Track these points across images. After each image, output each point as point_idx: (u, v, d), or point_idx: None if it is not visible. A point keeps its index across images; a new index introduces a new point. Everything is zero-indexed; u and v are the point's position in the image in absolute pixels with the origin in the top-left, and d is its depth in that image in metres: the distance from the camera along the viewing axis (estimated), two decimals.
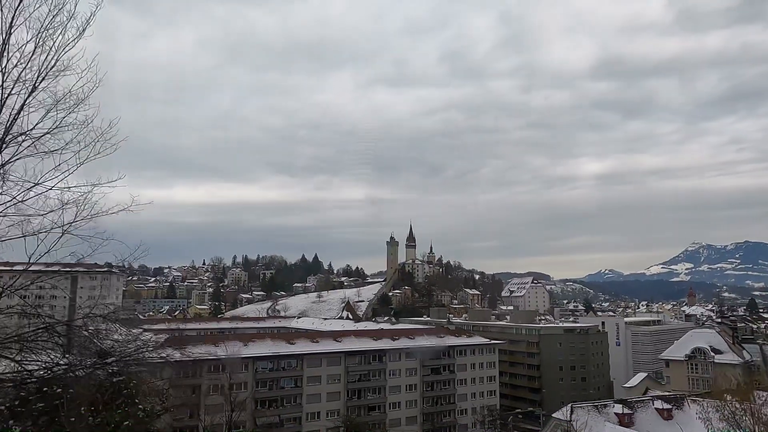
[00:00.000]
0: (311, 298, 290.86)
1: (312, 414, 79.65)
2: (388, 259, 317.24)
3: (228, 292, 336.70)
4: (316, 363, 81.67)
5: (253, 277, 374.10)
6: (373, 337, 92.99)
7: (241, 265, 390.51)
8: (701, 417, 46.42)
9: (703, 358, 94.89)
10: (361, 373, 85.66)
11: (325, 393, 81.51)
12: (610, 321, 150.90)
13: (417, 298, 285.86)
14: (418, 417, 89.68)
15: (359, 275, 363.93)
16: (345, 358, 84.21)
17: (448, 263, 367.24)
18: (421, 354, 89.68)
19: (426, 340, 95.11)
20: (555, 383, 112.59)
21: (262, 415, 75.39)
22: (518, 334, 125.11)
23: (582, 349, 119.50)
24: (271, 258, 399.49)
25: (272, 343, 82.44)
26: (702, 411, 62.06)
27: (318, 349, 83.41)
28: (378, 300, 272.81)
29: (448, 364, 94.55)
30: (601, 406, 65.12)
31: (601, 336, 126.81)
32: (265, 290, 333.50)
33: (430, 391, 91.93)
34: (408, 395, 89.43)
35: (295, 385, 79.37)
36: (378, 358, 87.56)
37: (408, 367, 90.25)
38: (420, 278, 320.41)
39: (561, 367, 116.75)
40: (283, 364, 79.16)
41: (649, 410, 65.26)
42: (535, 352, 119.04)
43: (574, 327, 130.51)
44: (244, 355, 75.62)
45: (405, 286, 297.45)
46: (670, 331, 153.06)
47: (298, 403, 78.98)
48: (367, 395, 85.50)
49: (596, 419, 60.44)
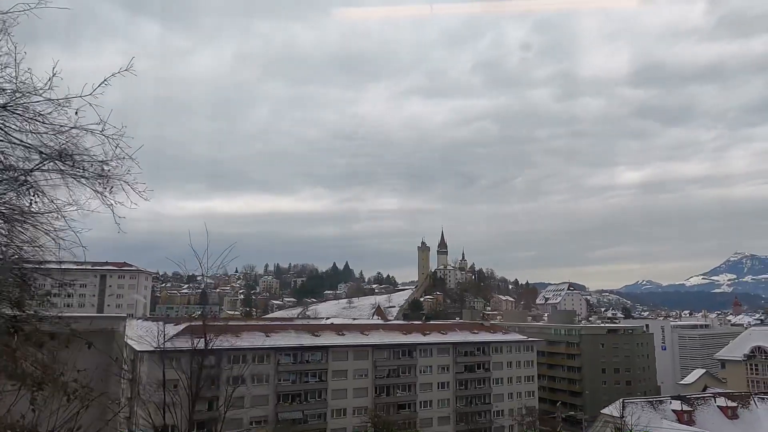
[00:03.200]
0: (341, 304, 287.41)
1: (338, 411, 74.88)
2: (419, 265, 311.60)
3: (259, 299, 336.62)
4: (342, 357, 77.03)
5: (285, 284, 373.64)
6: (402, 331, 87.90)
7: (273, 273, 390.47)
8: None
9: (764, 357, 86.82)
10: (389, 369, 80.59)
11: (352, 389, 76.71)
12: (655, 324, 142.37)
13: (449, 304, 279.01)
14: (451, 417, 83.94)
15: (390, 283, 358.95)
16: (373, 353, 79.34)
17: (481, 270, 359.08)
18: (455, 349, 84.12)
19: (459, 335, 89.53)
20: (597, 386, 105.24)
21: (285, 410, 70.95)
22: (557, 334, 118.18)
23: (626, 350, 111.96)
24: (303, 266, 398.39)
25: (296, 334, 78.17)
26: None
27: (344, 342, 78.78)
28: (409, 305, 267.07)
29: (483, 361, 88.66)
30: (657, 402, 58.95)
31: (647, 337, 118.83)
32: (296, 297, 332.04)
33: (464, 390, 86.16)
34: (440, 393, 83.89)
35: (319, 380, 74.83)
36: (408, 353, 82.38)
37: (440, 364, 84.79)
38: (452, 284, 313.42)
39: (604, 369, 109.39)
40: (307, 357, 74.74)
41: (710, 408, 58.78)
42: (575, 353, 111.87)
43: (617, 327, 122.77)
44: (266, 346, 71.58)
45: (436, 292, 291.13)
46: (721, 335, 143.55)
47: (322, 399, 74.38)
48: (397, 392, 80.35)
49: (651, 416, 54.24)
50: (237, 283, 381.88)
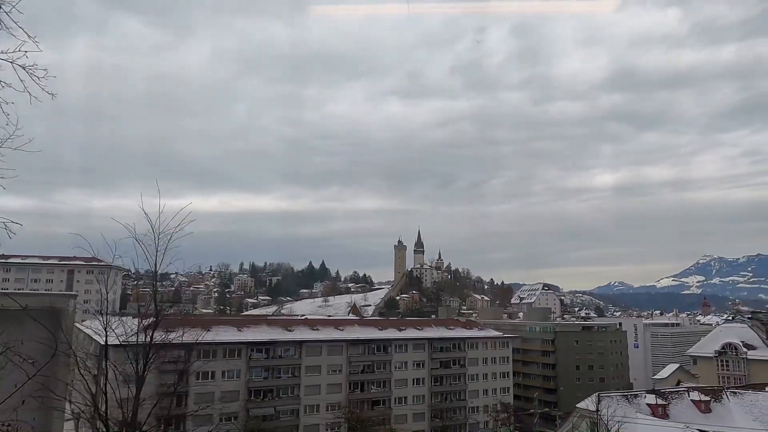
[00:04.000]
0: (317, 303, 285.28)
1: (311, 407, 73.30)
2: (396, 263, 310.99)
3: (233, 298, 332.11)
4: (315, 352, 75.47)
5: (260, 283, 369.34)
6: (378, 326, 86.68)
7: (248, 271, 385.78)
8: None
9: (734, 354, 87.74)
10: (364, 364, 79.35)
11: (325, 384, 75.21)
12: (628, 321, 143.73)
13: (425, 303, 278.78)
14: (426, 413, 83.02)
15: (366, 282, 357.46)
16: (347, 348, 77.98)
17: (457, 270, 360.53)
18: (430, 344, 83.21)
19: (435, 331, 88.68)
20: (571, 383, 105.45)
21: (256, 406, 69.10)
22: (532, 332, 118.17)
23: (600, 347, 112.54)
24: (279, 265, 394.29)
25: (268, 329, 76.40)
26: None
27: (318, 337, 77.21)
28: (385, 304, 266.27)
29: (459, 357, 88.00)
30: (632, 396, 58.78)
31: (620, 335, 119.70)
32: (271, 296, 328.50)
33: (439, 386, 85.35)
34: (415, 389, 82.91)
35: (292, 375, 73.13)
36: (383, 348, 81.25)
37: (415, 360, 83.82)
38: (428, 283, 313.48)
39: (578, 366, 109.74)
40: (280, 352, 72.97)
41: (684, 402, 58.79)
42: (550, 351, 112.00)
43: (592, 325, 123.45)
44: (237, 341, 69.66)
45: (413, 290, 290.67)
46: (691, 333, 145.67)
47: (295, 395, 72.71)
48: (371, 388, 79.13)
49: (627, 410, 53.96)
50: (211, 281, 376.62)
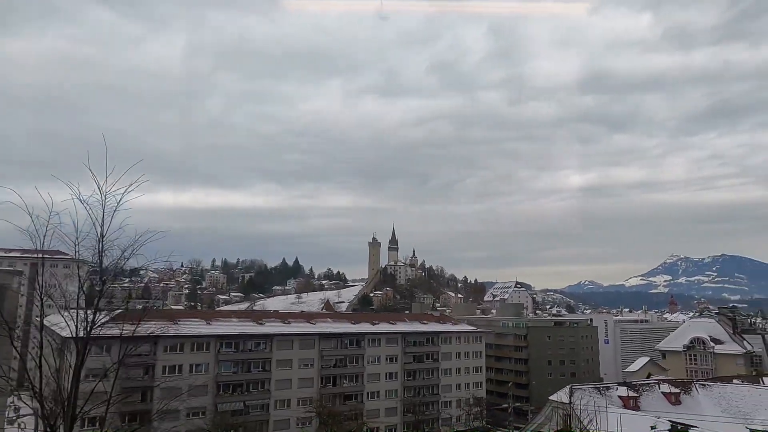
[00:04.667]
0: (290, 299, 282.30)
1: (281, 401, 71.91)
2: (370, 260, 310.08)
3: (205, 294, 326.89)
4: (286, 345, 74.06)
5: (232, 280, 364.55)
6: (350, 320, 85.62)
7: (220, 268, 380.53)
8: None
9: (702, 348, 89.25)
10: (336, 359, 78.22)
11: (297, 379, 73.86)
12: (599, 318, 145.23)
13: (398, 300, 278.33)
14: (399, 407, 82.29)
15: (340, 279, 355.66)
16: (319, 342, 76.71)
17: (431, 268, 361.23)
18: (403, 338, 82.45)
19: (408, 325, 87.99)
20: (543, 378, 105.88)
21: (225, 401, 67.41)
22: (505, 327, 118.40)
23: (572, 342, 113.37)
24: (252, 262, 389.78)
25: (239, 322, 74.69)
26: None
27: (290, 331, 75.78)
28: (358, 300, 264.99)
29: (432, 351, 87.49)
30: (604, 388, 58.86)
31: (591, 330, 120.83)
32: (243, 292, 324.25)
33: (412, 381, 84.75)
34: (388, 384, 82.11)
35: (262, 369, 71.60)
36: (356, 342, 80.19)
37: (388, 354, 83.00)
38: (402, 281, 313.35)
39: (550, 361, 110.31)
40: (250, 346, 71.33)
41: (655, 394, 59.28)
42: (522, 346, 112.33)
43: (563, 320, 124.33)
44: (206, 334, 67.84)
45: (386, 287, 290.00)
46: (659, 329, 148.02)
47: (265, 389, 71.20)
48: (343, 382, 78.06)
49: (599, 402, 53.95)
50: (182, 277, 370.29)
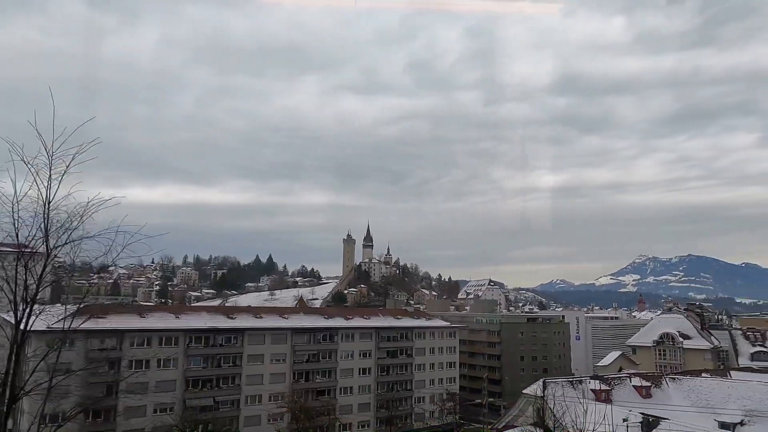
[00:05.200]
0: (263, 296, 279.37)
1: (253, 397, 70.43)
2: (344, 257, 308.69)
3: (176, 291, 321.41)
4: (258, 340, 72.56)
5: (205, 276, 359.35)
6: (324, 315, 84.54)
7: (192, 264, 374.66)
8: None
9: (671, 343, 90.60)
10: (309, 354, 77.03)
11: (268, 374, 72.46)
12: (571, 314, 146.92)
13: (373, 297, 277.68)
14: (372, 403, 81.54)
15: (314, 276, 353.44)
16: (292, 336, 75.41)
17: (405, 266, 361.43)
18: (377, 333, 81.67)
19: (383, 320, 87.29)
20: (516, 374, 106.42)
21: (194, 397, 65.67)
22: (479, 323, 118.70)
23: (544, 338, 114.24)
24: (224, 258, 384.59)
25: (208, 316, 72.96)
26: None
27: (261, 325, 74.33)
28: (332, 298, 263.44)
29: (406, 347, 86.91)
30: (576, 381, 59.08)
31: (564, 326, 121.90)
32: (215, 289, 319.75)
33: (386, 376, 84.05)
34: (361, 380, 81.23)
35: (233, 364, 69.98)
36: (329, 337, 79.11)
37: (362, 349, 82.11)
38: (376, 278, 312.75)
39: (522, 357, 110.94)
40: (221, 340, 69.67)
41: (626, 387, 59.74)
42: (496, 342, 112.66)
43: (536, 316, 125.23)
44: (174, 328, 66.05)
45: (361, 284, 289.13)
46: (629, 326, 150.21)
47: (236, 385, 69.63)
48: (316, 378, 76.93)
49: (572, 395, 54.06)
50: (153, 274, 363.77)
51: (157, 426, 60.58)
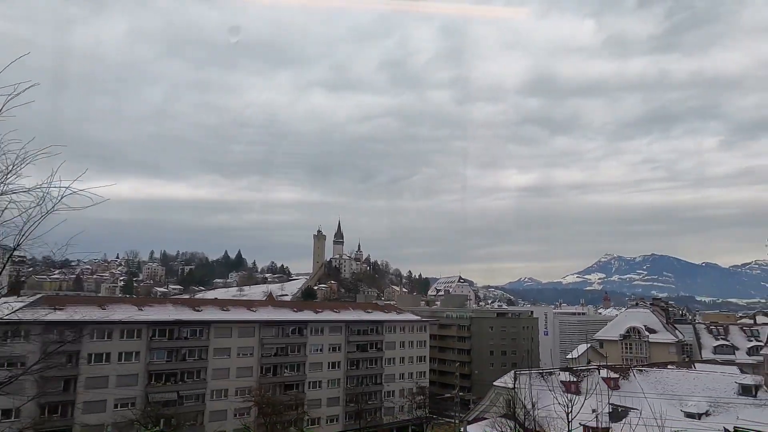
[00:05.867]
0: (232, 292, 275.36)
1: (218, 391, 68.67)
2: (315, 253, 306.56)
3: (142, 287, 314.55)
4: (225, 333, 70.82)
5: (172, 272, 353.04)
6: (293, 308, 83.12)
7: (159, 260, 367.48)
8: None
9: (637, 337, 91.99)
10: (278, 347, 75.60)
11: (235, 368, 70.76)
12: (539, 310, 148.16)
13: (343, 293, 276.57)
14: (341, 397, 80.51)
15: (284, 273, 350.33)
16: (260, 330, 73.85)
17: (376, 262, 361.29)
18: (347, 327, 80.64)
19: (352, 314, 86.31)
20: (485, 368, 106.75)
21: (157, 391, 63.62)
22: (449, 318, 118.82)
23: (513, 333, 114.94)
24: (192, 254, 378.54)
25: (174, 308, 70.80)
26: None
27: (228, 317, 72.54)
28: (302, 294, 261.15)
29: (376, 341, 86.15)
30: (546, 373, 59.20)
31: (533, 321, 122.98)
32: (182, 285, 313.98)
33: (355, 370, 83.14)
34: (330, 373, 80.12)
35: (198, 358, 68.12)
36: (298, 331, 77.79)
37: (332, 343, 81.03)
38: (347, 274, 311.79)
39: (492, 351, 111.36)
40: (186, 333, 67.70)
41: (595, 379, 59.86)
42: (466, 336, 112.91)
43: (506, 311, 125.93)
44: (136, 320, 63.78)
45: (331, 281, 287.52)
46: (596, 321, 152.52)
47: (201, 379, 67.77)
48: (284, 372, 75.53)
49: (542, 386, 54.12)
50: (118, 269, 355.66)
51: (118, 421, 58.42)
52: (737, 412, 51.83)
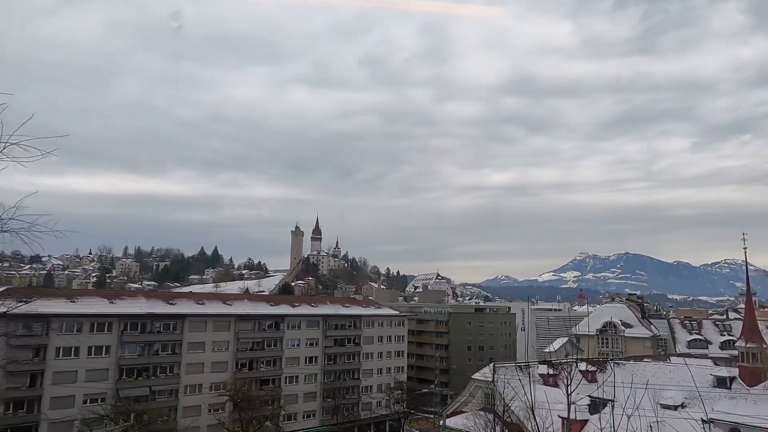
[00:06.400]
0: (207, 289, 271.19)
1: (192, 386, 67.11)
2: (292, 249, 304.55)
3: (115, 283, 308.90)
4: (199, 327, 69.23)
5: (146, 268, 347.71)
6: (269, 302, 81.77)
7: (133, 256, 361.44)
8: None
9: (614, 332, 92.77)
10: (254, 341, 74.27)
11: (210, 362, 69.26)
12: (516, 305, 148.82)
13: (320, 289, 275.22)
14: (318, 393, 79.50)
15: (261, 269, 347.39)
16: (236, 323, 72.42)
17: (354, 259, 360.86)
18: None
19: (330, 308, 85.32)
20: (463, 363, 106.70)
21: (128, 386, 61.81)
22: (427, 313, 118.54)
23: (491, 328, 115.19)
24: (167, 250, 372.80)
25: (147, 302, 68.97)
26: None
27: (203, 311, 70.96)
28: (279, 290, 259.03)
29: (354, 335, 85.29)
30: (525, 366, 58.99)
31: (510, 317, 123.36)
32: (157, 281, 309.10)
33: (333, 365, 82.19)
34: (307, 368, 79.02)
35: (172, 352, 66.42)
36: (275, 325, 76.54)
37: (309, 338, 79.97)
38: (324, 270, 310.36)
39: (470, 347, 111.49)
40: (159, 327, 65.98)
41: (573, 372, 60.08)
42: (444, 332, 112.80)
43: (483, 307, 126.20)
44: (107, 313, 61.97)
45: (308, 277, 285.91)
46: (572, 317, 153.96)
47: (175, 374, 66.14)
48: (260, 366, 74.22)
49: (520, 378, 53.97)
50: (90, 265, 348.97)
51: (87, 417, 56.60)
52: (712, 403, 52.34)
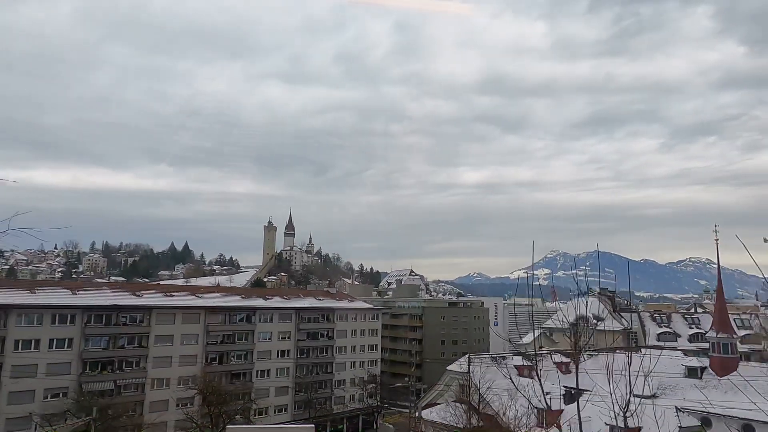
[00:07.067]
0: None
1: (160, 381, 65.06)
2: (265, 244, 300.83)
3: (82, 278, 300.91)
4: (168, 320, 67.20)
5: (114, 264, 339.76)
6: (241, 295, 79.99)
7: (101, 251, 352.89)
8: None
9: (586, 325, 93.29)
10: (224, 335, 72.52)
11: (178, 356, 67.31)
12: (490, 300, 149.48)
13: (293, 285, 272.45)
14: (290, 387, 78.10)
15: (233, 265, 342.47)
16: (205, 316, 70.54)
17: (327, 255, 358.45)
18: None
19: (303, 301, 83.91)
20: (437, 357, 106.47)
21: (91, 380, 59.55)
22: (401, 308, 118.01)
23: (465, 323, 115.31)
24: (137, 246, 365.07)
25: (112, 293, 66.64)
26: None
27: (171, 303, 68.89)
28: (251, 285, 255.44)
29: (327, 329, 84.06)
30: (500, 357, 58.76)
31: (483, 311, 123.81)
32: (125, 277, 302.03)
33: (305, 358, 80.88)
34: (279, 362, 77.61)
35: (138, 345, 64.33)
36: (246, 318, 74.87)
37: (281, 331, 78.50)
38: (297, 266, 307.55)
39: (443, 341, 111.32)
40: (125, 319, 63.78)
41: (547, 363, 60.04)
42: (418, 326, 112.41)
43: (457, 301, 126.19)
44: (69, 304, 59.56)
45: (281, 272, 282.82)
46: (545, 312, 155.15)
47: (141, 367, 64.04)
48: (231, 360, 72.52)
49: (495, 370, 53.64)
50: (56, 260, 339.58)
51: (48, 412, 54.27)
52: (684, 393, 52.86)
